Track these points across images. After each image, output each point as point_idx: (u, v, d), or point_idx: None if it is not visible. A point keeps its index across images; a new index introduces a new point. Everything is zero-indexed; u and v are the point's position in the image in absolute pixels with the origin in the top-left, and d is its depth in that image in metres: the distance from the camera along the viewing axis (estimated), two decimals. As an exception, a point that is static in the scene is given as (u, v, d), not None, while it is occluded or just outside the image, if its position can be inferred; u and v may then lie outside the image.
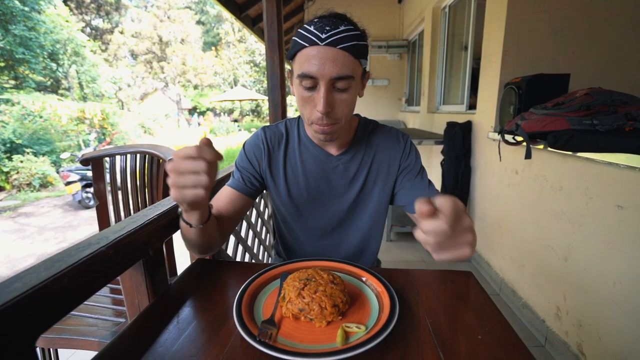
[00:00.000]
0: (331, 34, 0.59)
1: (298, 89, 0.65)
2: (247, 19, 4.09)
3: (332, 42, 0.59)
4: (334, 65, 0.59)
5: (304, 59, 0.61)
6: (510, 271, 1.84)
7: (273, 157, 0.78)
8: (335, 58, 0.59)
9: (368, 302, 0.53)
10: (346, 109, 0.65)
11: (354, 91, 0.65)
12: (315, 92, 0.63)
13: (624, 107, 1.15)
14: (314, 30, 0.60)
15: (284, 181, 0.78)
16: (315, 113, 0.64)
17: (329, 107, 0.62)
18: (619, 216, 1.09)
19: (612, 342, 1.13)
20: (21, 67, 9.20)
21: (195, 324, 0.48)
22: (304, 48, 0.61)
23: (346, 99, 0.64)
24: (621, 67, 1.78)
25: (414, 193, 0.75)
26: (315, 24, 0.61)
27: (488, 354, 0.42)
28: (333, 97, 0.63)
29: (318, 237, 0.83)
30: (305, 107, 0.66)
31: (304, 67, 0.61)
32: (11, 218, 4.92)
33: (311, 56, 0.60)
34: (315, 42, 0.59)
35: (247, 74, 20.81)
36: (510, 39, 1.77)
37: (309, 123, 0.68)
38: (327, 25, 0.60)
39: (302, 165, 0.77)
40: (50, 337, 0.86)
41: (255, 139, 0.79)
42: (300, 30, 0.63)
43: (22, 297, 0.35)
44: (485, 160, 2.10)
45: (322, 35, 0.59)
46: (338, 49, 0.59)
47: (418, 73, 4.23)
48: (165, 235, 0.64)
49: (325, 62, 0.59)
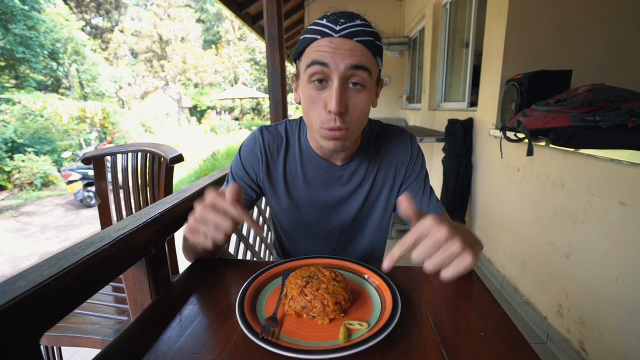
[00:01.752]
0: (347, 25, 0.53)
1: (306, 88, 0.57)
2: (247, 16, 4.07)
3: (347, 34, 0.53)
4: (350, 55, 0.52)
5: (314, 49, 0.54)
6: (511, 268, 1.84)
7: (272, 166, 0.72)
8: (352, 48, 0.53)
9: (370, 300, 0.53)
10: (360, 113, 0.57)
11: (369, 93, 0.58)
12: (326, 90, 0.56)
13: (626, 104, 1.14)
14: (326, 22, 0.54)
15: (284, 192, 0.73)
16: (325, 114, 0.56)
17: (341, 106, 0.54)
18: (622, 213, 1.08)
19: (614, 339, 1.13)
20: (22, 66, 9.21)
21: (198, 322, 0.48)
22: (315, 40, 0.54)
23: (361, 100, 0.56)
24: (624, 63, 1.77)
25: (415, 203, 0.72)
26: (328, 17, 0.55)
27: (490, 350, 0.42)
28: (347, 96, 0.55)
29: (319, 246, 0.79)
30: (312, 109, 0.57)
31: (314, 55, 0.54)
32: (13, 217, 4.94)
33: (324, 46, 0.53)
34: (328, 34, 0.53)
35: (248, 72, 20.78)
36: (512, 35, 1.76)
37: (317, 127, 0.59)
38: (342, 17, 0.54)
39: (304, 176, 0.72)
40: (53, 335, 0.87)
41: (252, 144, 0.72)
42: (310, 27, 0.57)
43: (26, 295, 0.35)
44: (486, 158, 2.09)
45: (336, 27, 0.53)
46: (355, 40, 0.53)
47: (419, 70, 4.21)
48: (167, 233, 0.64)
49: (339, 52, 0.52)
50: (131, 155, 1.25)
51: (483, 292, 0.56)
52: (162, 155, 1.16)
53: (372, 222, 0.77)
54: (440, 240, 0.41)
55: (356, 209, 0.74)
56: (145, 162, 1.22)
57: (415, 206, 0.44)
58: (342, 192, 0.73)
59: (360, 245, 0.80)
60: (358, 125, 0.59)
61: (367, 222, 0.77)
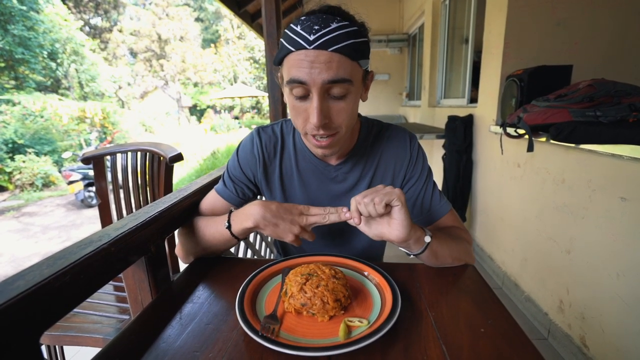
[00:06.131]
0: (320, 34, 0.50)
1: (289, 98, 0.57)
2: (246, 14, 4.06)
3: (322, 44, 0.50)
4: (326, 68, 0.51)
5: (291, 64, 0.53)
6: (512, 265, 1.84)
7: (268, 167, 0.73)
8: (328, 61, 0.51)
9: (370, 297, 0.53)
10: (346, 117, 0.57)
11: (354, 97, 0.57)
12: (308, 101, 0.55)
13: (627, 98, 1.13)
14: (300, 31, 0.51)
15: (280, 192, 0.74)
16: (309, 124, 0.56)
17: (324, 119, 0.54)
18: (623, 208, 1.08)
19: (615, 335, 1.13)
20: (21, 67, 9.20)
21: (198, 320, 0.48)
22: (291, 53, 0.53)
23: (344, 107, 0.56)
24: (625, 57, 1.76)
25: (417, 204, 0.72)
26: (303, 22, 0.52)
27: (491, 346, 0.42)
28: (328, 107, 0.55)
29: (319, 244, 0.80)
30: (297, 118, 0.58)
31: (292, 72, 0.53)
32: (15, 218, 4.96)
33: (299, 60, 0.52)
34: (302, 46, 0.51)
35: (247, 71, 20.73)
36: (512, 30, 1.75)
37: (303, 133, 0.60)
38: (316, 24, 0.51)
39: (299, 176, 0.73)
40: (55, 334, 0.87)
41: (249, 145, 0.72)
42: (286, 31, 0.54)
43: (25, 294, 0.35)
44: (486, 154, 2.09)
45: (310, 37, 0.50)
46: (330, 51, 0.50)
47: (419, 67, 4.20)
48: (167, 232, 0.64)
49: (315, 66, 0.51)
50: (131, 155, 1.25)
51: (483, 288, 0.56)
52: (161, 155, 1.16)
53: None
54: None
55: None
56: (145, 161, 1.22)
57: None
58: (338, 191, 0.73)
59: (359, 244, 0.80)
60: (345, 129, 0.59)
61: None
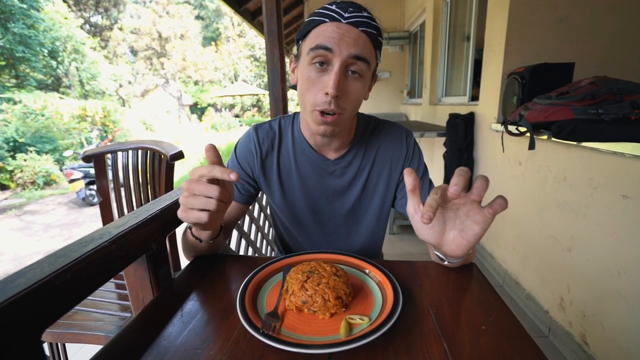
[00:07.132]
0: (354, 14, 0.55)
1: (305, 69, 0.59)
2: (247, 12, 4.05)
3: (354, 23, 0.55)
4: (354, 44, 0.55)
5: (320, 33, 0.56)
6: (513, 262, 1.84)
7: (266, 162, 0.73)
8: (356, 38, 0.55)
9: (371, 294, 0.53)
10: (354, 99, 0.60)
11: (365, 83, 0.60)
12: (326, 73, 0.57)
13: (630, 96, 1.13)
14: (335, 8, 0.56)
15: (278, 186, 0.74)
16: (321, 96, 0.58)
17: (339, 90, 0.56)
18: (624, 206, 1.08)
19: (616, 333, 1.13)
20: (21, 65, 9.20)
21: (199, 317, 0.48)
22: (323, 23, 0.56)
23: (357, 88, 0.59)
24: (627, 55, 1.75)
25: None
26: (338, 4, 0.57)
27: (492, 344, 0.42)
28: (345, 82, 0.58)
29: (317, 241, 0.80)
30: (309, 90, 0.59)
31: (320, 39, 0.56)
32: (17, 216, 4.97)
33: (330, 30, 0.55)
34: (337, 19, 0.55)
35: (248, 69, 20.70)
36: (514, 27, 1.74)
37: (310, 109, 0.60)
38: (351, 7, 0.56)
39: (297, 169, 0.73)
40: (58, 332, 0.87)
41: (246, 141, 0.74)
42: (317, 10, 0.58)
43: (26, 292, 0.35)
44: (488, 152, 2.08)
45: (345, 14, 0.55)
46: (360, 30, 0.55)
47: (420, 65, 4.18)
48: (167, 230, 0.64)
49: (345, 39, 0.55)
50: (132, 153, 1.25)
51: (484, 286, 0.56)
52: (162, 153, 1.16)
53: (369, 217, 0.77)
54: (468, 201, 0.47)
55: (351, 204, 0.75)
56: (146, 159, 1.22)
57: (417, 180, 0.48)
58: (336, 186, 0.74)
59: (358, 239, 0.80)
60: (350, 112, 0.61)
61: (364, 217, 0.78)
